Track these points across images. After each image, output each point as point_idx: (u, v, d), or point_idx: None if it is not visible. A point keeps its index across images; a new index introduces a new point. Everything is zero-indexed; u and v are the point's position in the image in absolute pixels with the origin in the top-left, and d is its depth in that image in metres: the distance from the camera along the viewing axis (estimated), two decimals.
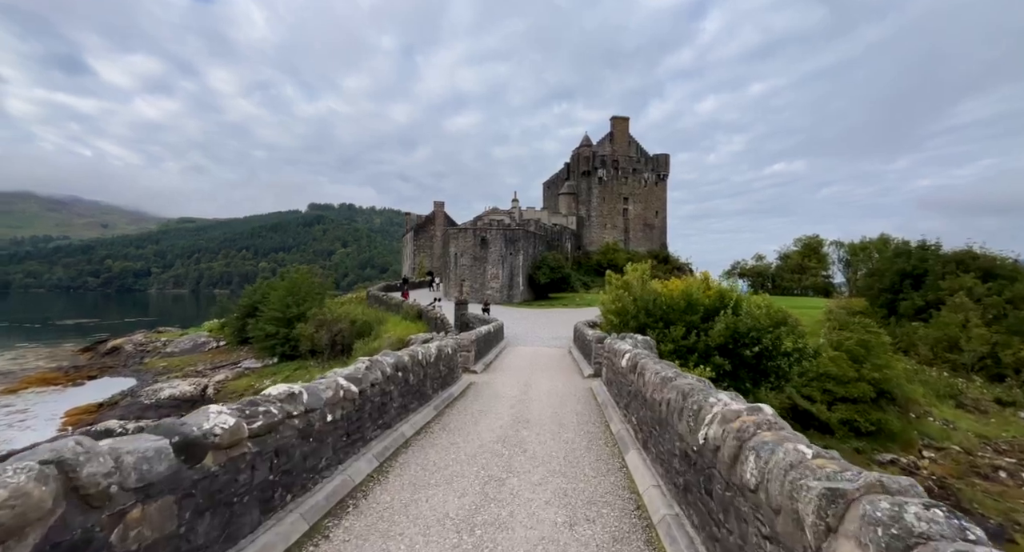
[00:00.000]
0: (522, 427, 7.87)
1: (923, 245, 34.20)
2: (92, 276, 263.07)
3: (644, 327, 13.80)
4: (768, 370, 14.02)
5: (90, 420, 22.08)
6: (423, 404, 8.24)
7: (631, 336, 10.73)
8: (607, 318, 15.35)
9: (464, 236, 44.50)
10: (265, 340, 30.13)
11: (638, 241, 77.28)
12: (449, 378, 10.35)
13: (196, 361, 36.84)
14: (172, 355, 39.51)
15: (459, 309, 26.32)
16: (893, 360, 18.96)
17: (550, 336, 24.06)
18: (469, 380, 11.85)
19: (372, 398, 5.64)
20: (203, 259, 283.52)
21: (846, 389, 17.35)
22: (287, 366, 28.95)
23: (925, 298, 28.60)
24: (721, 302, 14.19)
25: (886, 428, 17.04)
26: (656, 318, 13.80)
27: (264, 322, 30.44)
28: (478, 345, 14.03)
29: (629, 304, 14.12)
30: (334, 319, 28.43)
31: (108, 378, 34.37)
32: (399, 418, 6.97)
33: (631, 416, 7.09)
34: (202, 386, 26.47)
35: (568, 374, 13.39)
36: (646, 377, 5.86)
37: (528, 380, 12.33)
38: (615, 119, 78.85)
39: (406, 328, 25.73)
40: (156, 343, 42.94)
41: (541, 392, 10.79)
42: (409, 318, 27.62)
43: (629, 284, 14.73)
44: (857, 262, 52.02)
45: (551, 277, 45.60)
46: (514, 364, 14.92)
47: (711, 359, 13.07)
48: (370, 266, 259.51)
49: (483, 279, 43.38)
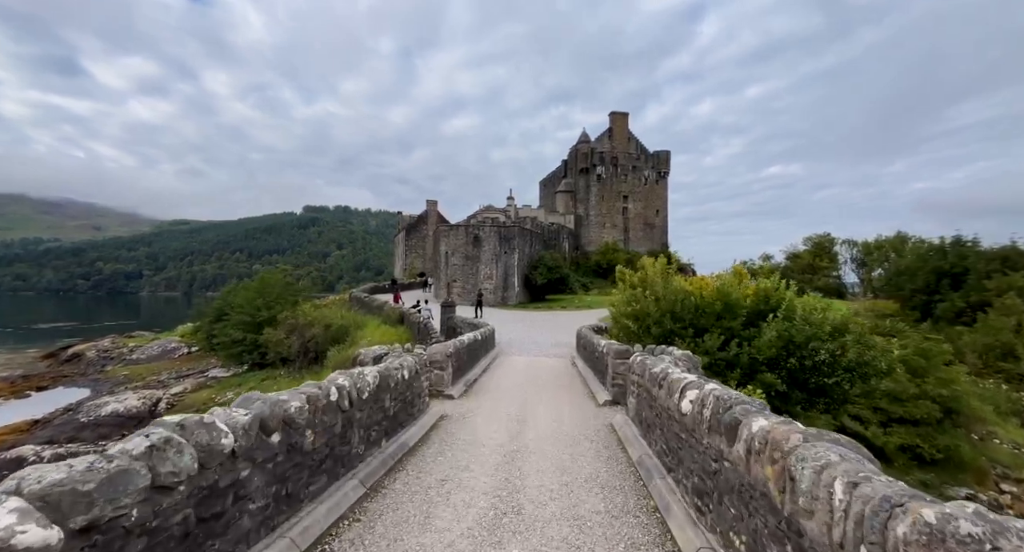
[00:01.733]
0: (508, 523, 4.62)
1: (959, 241, 31.21)
2: (82, 279, 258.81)
3: (670, 335, 10.84)
4: (825, 389, 11.08)
5: (12, 442, 18.93)
6: (340, 478, 4.93)
7: (667, 351, 7.80)
8: (620, 323, 12.39)
9: (455, 234, 41.50)
10: (231, 346, 27.02)
11: (638, 241, 74.38)
12: (405, 415, 7.10)
13: (161, 369, 33.68)
14: (137, 362, 36.34)
15: (445, 312, 23.32)
16: (954, 372, 16.05)
17: (549, 342, 21.06)
18: (439, 412, 8.74)
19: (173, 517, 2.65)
20: (196, 261, 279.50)
21: (905, 408, 14.42)
22: (254, 376, 25.87)
23: (967, 299, 25.67)
24: (766, 304, 11.26)
25: (955, 455, 14.11)
26: (685, 324, 10.84)
27: (230, 327, 27.33)
28: (457, 359, 11.01)
29: (649, 306, 11.16)
30: (307, 323, 25.39)
31: (62, 388, 31.17)
32: (273, 522, 3.73)
33: (716, 510, 3.86)
34: (154, 400, 23.30)
35: (576, 398, 10.32)
36: (790, 468, 2.75)
37: (522, 410, 9.24)
38: (614, 115, 76.01)
39: (385, 333, 22.71)
40: (122, 349, 39.74)
41: (541, 434, 7.64)
42: (390, 322, 24.60)
43: (649, 281, 11.77)
44: (872, 261, 49.20)
45: (548, 277, 42.59)
46: (504, 383, 11.76)
47: (758, 376, 10.13)
48: (365, 268, 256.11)
49: (476, 280, 40.37)
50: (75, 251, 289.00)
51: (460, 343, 11.55)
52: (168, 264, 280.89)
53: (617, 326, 12.82)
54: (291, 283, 30.81)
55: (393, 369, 6.32)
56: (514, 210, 54.64)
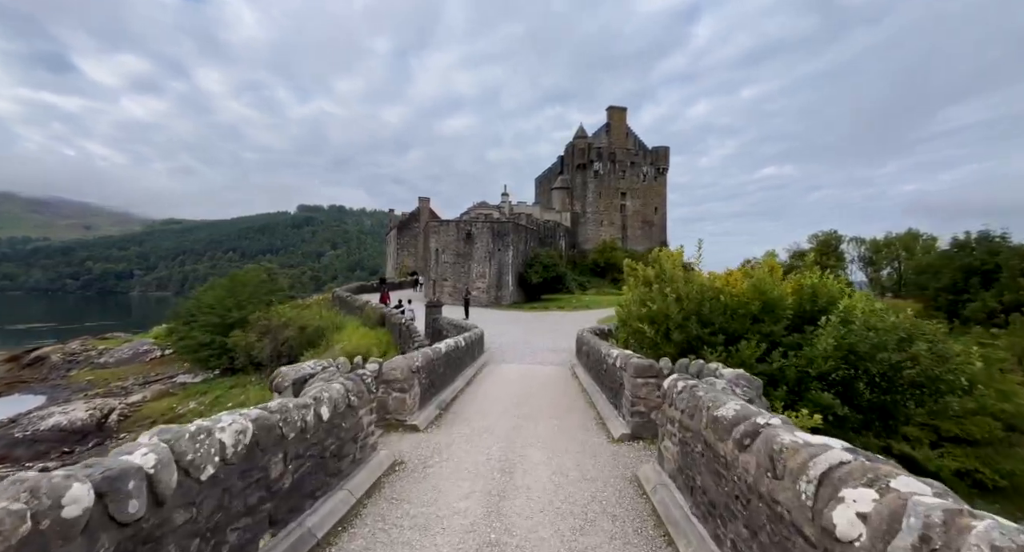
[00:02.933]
0: None
1: (987, 236, 29.18)
2: (71, 278, 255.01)
3: (696, 342, 8.67)
4: (885, 407, 8.96)
5: None
6: None
7: (712, 370, 5.64)
8: (631, 327, 10.21)
9: (446, 230, 39.24)
10: (197, 350, 24.67)
11: (636, 239, 72.35)
12: (319, 479, 4.48)
13: (128, 374, 31.29)
14: (105, 366, 33.88)
15: (431, 313, 21.11)
16: (1009, 382, 14.01)
17: (546, 347, 18.84)
18: (392, 457, 6.28)
19: None
20: (188, 261, 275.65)
21: (961, 426, 12.32)
22: (222, 383, 23.56)
23: (1000, 299, 23.72)
24: (813, 304, 9.11)
25: (1021, 482, 12.03)
26: (715, 328, 8.68)
27: (197, 329, 24.99)
28: (429, 374, 8.76)
29: (670, 307, 8.97)
30: (280, 325, 23.13)
31: (17, 395, 28.74)
32: None
33: None
34: (106, 411, 20.91)
35: (582, 427, 7.95)
36: None
37: (509, 451, 6.75)
38: (612, 109, 73.92)
39: (364, 336, 20.49)
40: (91, 352, 37.23)
41: (535, 501, 5.19)
42: (370, 324, 22.36)
43: (668, 277, 9.59)
44: (880, 260, 47.30)
45: (544, 276, 40.38)
46: (490, 404, 9.43)
47: (809, 395, 7.98)
48: (360, 268, 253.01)
49: (468, 278, 38.14)
50: (64, 250, 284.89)
51: (434, 353, 9.31)
52: (159, 264, 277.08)
53: (627, 330, 10.63)
54: (266, 281, 28.44)
55: (297, 408, 3.97)
56: (509, 207, 52.41)
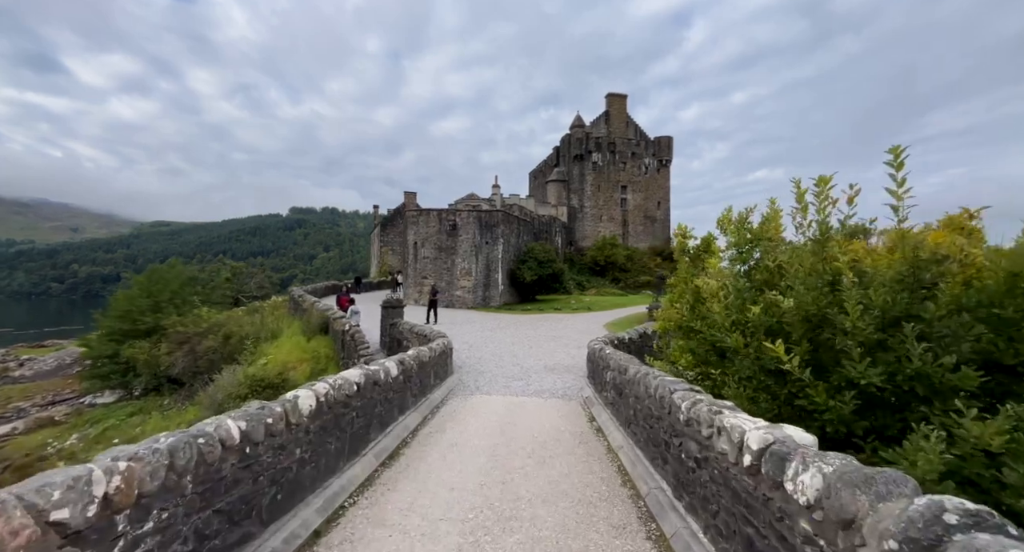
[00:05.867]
0: None
1: None
2: (56, 282, 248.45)
3: (924, 387, 3.54)
4: None
5: None
6: None
7: None
8: (682, 358, 5.11)
9: (426, 220, 34.10)
10: (98, 365, 19.43)
11: (638, 236, 67.48)
12: None
13: (38, 391, 25.95)
14: (19, 380, 28.57)
15: (388, 316, 15.95)
16: None
17: (542, 364, 13.55)
18: None
19: None
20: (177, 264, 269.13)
21: None
22: (125, 408, 18.34)
23: None
24: None
25: None
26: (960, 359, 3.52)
27: (99, 339, 19.74)
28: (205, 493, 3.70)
29: (766, 319, 3.84)
30: (199, 333, 17.96)
31: None
32: None
33: None
34: None
35: None
36: None
37: None
38: (611, 96, 69.06)
39: (296, 346, 15.35)
40: (9, 363, 31.88)
41: None
42: (310, 330, 17.17)
43: (793, 266, 4.41)
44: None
45: (539, 273, 35.28)
46: (439, 505, 4.48)
47: None
48: (352, 270, 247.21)
49: (451, 276, 33.06)
50: (49, 253, 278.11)
51: (305, 400, 4.26)
52: (147, 266, 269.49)
53: (682, 359, 5.44)
54: (193, 276, 23.18)
55: None
56: (500, 199, 47.35)
